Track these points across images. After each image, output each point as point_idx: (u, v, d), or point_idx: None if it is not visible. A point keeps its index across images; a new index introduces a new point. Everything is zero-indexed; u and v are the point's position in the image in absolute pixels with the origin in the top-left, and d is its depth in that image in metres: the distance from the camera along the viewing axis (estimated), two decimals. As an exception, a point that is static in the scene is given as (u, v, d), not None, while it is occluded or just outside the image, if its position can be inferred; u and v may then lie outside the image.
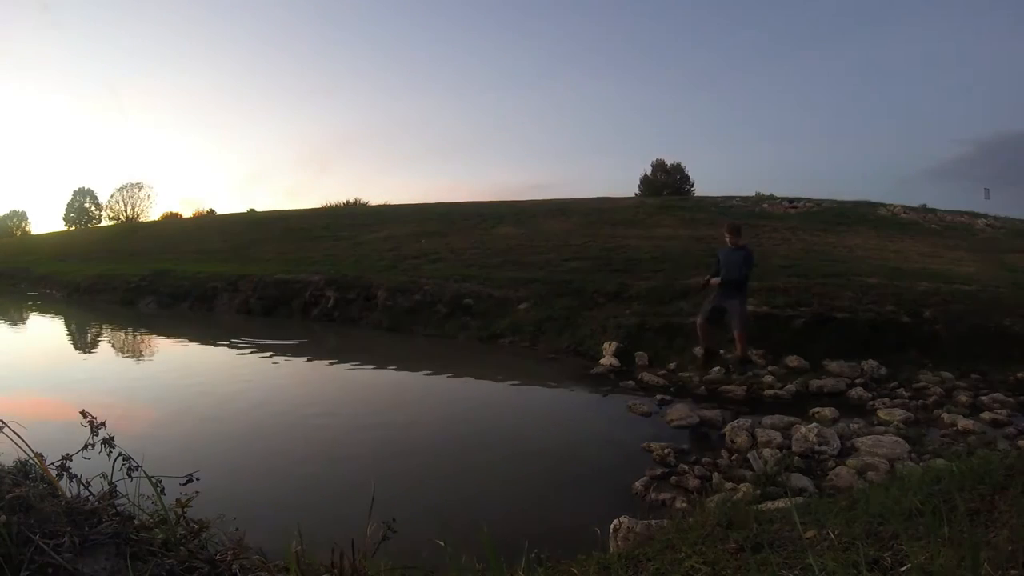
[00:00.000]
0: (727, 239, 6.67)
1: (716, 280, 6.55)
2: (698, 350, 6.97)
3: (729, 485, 3.69)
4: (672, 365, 6.97)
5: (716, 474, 3.90)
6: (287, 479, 3.90)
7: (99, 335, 10.80)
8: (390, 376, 7.21)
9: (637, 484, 3.77)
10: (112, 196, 47.10)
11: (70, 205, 48.27)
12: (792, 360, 6.65)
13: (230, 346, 8.81)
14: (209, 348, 8.80)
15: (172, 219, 40.80)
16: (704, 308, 6.74)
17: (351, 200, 35.85)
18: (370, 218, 21.42)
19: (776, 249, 12.05)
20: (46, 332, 11.46)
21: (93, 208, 48.12)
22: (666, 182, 33.86)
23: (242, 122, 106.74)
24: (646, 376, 6.56)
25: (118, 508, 1.17)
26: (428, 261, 12.88)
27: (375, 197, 43.84)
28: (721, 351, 6.94)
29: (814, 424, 4.52)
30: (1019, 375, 6.14)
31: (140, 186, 46.99)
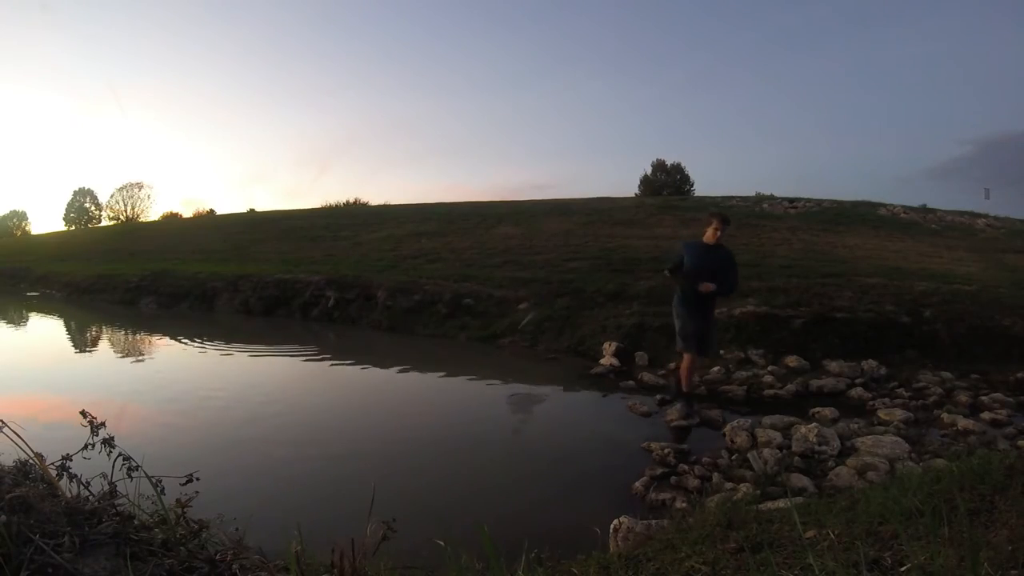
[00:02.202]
0: (711, 231, 5.12)
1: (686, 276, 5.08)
2: (677, 408, 5.19)
3: (729, 485, 3.69)
4: (672, 365, 6.95)
5: (716, 474, 3.89)
6: (287, 479, 3.90)
7: (99, 335, 10.80)
8: (390, 376, 7.21)
9: (637, 484, 3.77)
10: (112, 196, 47.19)
11: (70, 205, 48.30)
12: (792, 360, 6.65)
13: (228, 347, 8.81)
14: (208, 349, 8.79)
15: (172, 219, 40.84)
16: (686, 334, 5.20)
17: (351, 200, 35.96)
18: (370, 218, 21.43)
19: (776, 249, 12.05)
20: (46, 332, 11.45)
21: (93, 208, 48.14)
22: (666, 182, 33.90)
23: (242, 122, 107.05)
24: (646, 376, 6.56)
25: (118, 508, 1.17)
26: (428, 261, 12.88)
27: (375, 197, 43.98)
28: (722, 352, 6.94)
29: (814, 424, 4.51)
30: (1019, 375, 6.14)
31: (140, 186, 47.09)
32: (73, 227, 45.00)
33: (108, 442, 1.33)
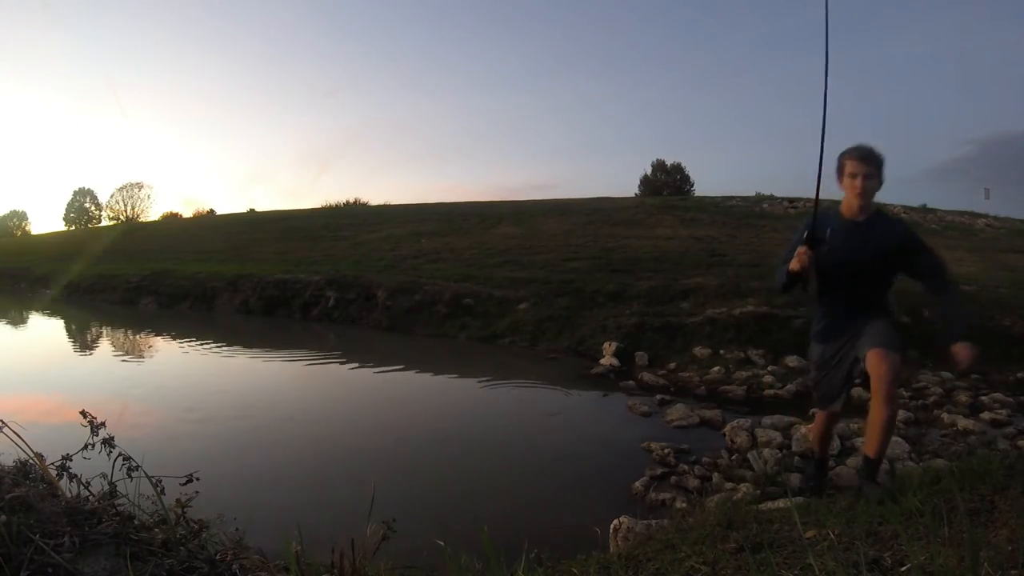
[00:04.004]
0: (848, 184, 2.53)
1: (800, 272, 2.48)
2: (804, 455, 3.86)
3: (729, 485, 3.69)
4: (672, 365, 6.97)
5: (716, 474, 3.90)
6: (287, 479, 3.90)
7: (99, 336, 10.80)
8: (390, 376, 7.21)
9: (637, 484, 3.77)
10: (112, 196, 47.08)
11: (70, 205, 48.22)
12: (792, 360, 6.65)
13: (227, 347, 8.81)
14: (208, 349, 8.79)
15: (172, 219, 40.80)
16: (822, 388, 2.85)
17: (351, 200, 35.89)
18: (370, 218, 21.42)
19: (776, 249, 12.03)
20: (46, 332, 11.45)
21: (93, 208, 48.10)
22: (666, 182, 33.84)
23: (242, 122, 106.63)
24: (646, 376, 6.57)
25: (118, 508, 1.17)
26: (428, 261, 12.88)
27: (375, 197, 43.86)
28: (721, 351, 6.93)
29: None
30: (1019, 375, 6.14)
31: (140, 186, 46.97)
32: (73, 227, 44.97)
33: (108, 442, 1.33)
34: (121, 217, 45.49)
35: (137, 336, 10.47)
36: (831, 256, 2.51)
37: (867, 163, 2.47)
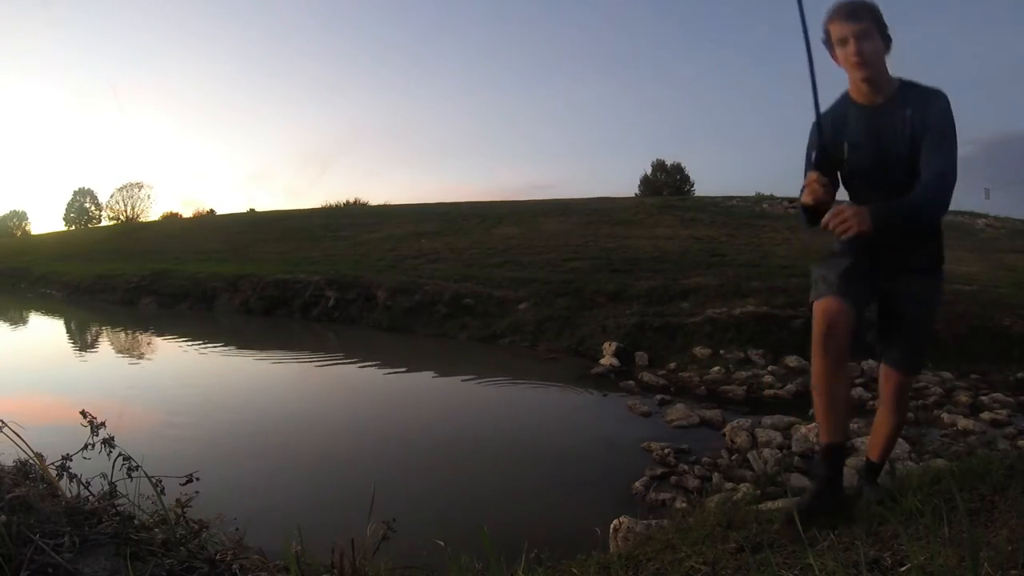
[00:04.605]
0: (839, 55, 1.75)
1: (818, 195, 1.71)
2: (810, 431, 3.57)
3: (729, 485, 3.70)
4: (672, 365, 6.98)
5: (716, 474, 3.90)
6: (287, 479, 3.90)
7: (99, 336, 10.80)
8: (390, 376, 7.21)
9: (637, 484, 3.78)
10: (112, 196, 47.02)
11: (70, 205, 48.19)
12: (792, 360, 6.65)
13: (227, 347, 8.81)
14: (208, 350, 8.79)
15: (172, 219, 40.79)
16: (831, 272, 1.88)
17: (351, 200, 35.84)
18: (370, 218, 21.44)
19: (776, 249, 12.05)
20: (46, 333, 11.45)
21: (93, 208, 48.07)
22: (666, 182, 33.81)
23: (242, 122, 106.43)
24: (646, 376, 6.57)
25: (118, 508, 1.17)
26: (428, 261, 12.89)
27: (375, 197, 43.74)
28: (721, 351, 6.93)
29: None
30: (1019, 375, 6.15)
31: (140, 186, 46.89)
32: (73, 227, 44.95)
33: (108, 442, 1.33)
34: (121, 217, 45.49)
35: (137, 336, 10.47)
36: (853, 164, 1.80)
37: (855, 19, 1.72)
